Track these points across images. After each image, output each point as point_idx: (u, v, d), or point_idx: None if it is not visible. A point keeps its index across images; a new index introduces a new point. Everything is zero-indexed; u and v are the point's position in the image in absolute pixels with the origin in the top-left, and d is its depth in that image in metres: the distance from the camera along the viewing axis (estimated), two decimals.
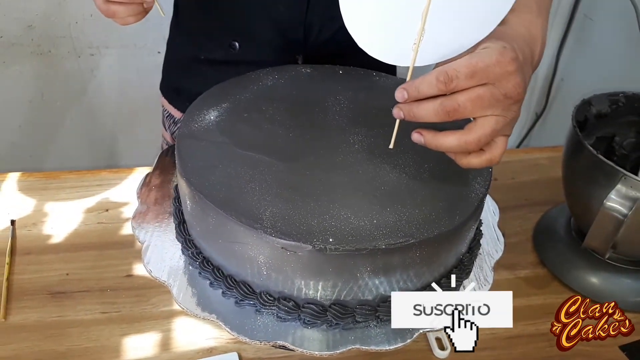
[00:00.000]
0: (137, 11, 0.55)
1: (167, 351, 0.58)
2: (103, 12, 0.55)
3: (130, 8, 0.55)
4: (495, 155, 0.44)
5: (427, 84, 0.42)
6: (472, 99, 0.41)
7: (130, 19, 0.56)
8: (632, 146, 0.72)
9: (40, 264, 0.65)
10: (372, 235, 0.44)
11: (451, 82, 0.41)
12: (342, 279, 0.45)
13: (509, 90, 0.41)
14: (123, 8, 0.54)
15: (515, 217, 0.76)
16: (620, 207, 0.58)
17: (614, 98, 0.70)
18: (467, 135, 0.42)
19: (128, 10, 0.55)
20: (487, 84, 0.41)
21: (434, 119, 0.42)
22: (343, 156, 0.51)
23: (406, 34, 0.44)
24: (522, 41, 0.45)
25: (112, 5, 0.54)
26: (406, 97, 0.43)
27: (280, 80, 0.61)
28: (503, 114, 0.42)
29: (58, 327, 0.59)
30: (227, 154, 0.50)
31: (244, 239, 0.44)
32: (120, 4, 0.54)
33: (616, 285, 0.66)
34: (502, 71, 0.41)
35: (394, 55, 0.46)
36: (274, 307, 0.47)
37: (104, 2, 0.54)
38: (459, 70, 0.41)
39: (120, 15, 0.55)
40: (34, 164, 1.41)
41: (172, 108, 0.83)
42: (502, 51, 0.41)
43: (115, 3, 0.54)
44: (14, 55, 1.26)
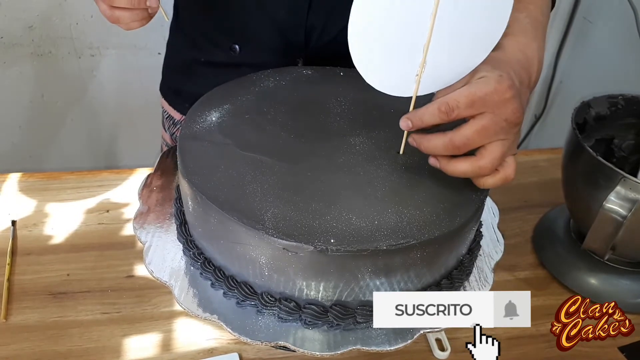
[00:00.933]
0: (142, 16, 0.55)
1: (168, 352, 0.58)
2: (107, 17, 0.55)
3: (135, 13, 0.55)
4: (509, 174, 0.48)
5: (429, 115, 0.45)
6: (479, 131, 0.44)
7: (135, 24, 0.56)
8: (631, 148, 0.73)
9: (41, 264, 0.65)
10: (373, 236, 0.44)
11: (452, 112, 0.44)
12: (343, 279, 0.45)
13: (509, 115, 0.45)
14: (128, 14, 0.54)
15: (515, 218, 0.76)
16: (619, 209, 0.58)
17: (613, 100, 0.71)
18: (479, 161, 0.46)
19: (132, 15, 0.55)
20: (487, 112, 0.44)
21: (445, 153, 0.46)
22: (344, 157, 0.51)
23: (409, 67, 0.48)
24: (519, 66, 0.48)
25: (117, 11, 0.54)
26: (410, 127, 0.47)
27: (281, 81, 0.61)
28: (507, 137, 0.46)
29: (59, 328, 0.59)
30: (229, 155, 0.50)
31: (246, 239, 0.45)
32: (125, 9, 0.54)
33: (615, 287, 0.67)
34: (500, 99, 0.44)
35: (398, 88, 0.49)
36: (275, 307, 0.47)
37: (109, 7, 0.54)
38: (459, 100, 0.44)
39: (125, 20, 0.55)
40: (34, 164, 1.41)
41: (172, 110, 0.83)
42: (499, 79, 0.45)
43: (119, 9, 0.54)
44: (15, 56, 1.26)
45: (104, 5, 0.54)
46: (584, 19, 1.39)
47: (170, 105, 0.83)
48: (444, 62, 0.47)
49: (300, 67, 0.65)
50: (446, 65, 0.48)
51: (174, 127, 0.83)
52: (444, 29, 0.46)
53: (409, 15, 0.45)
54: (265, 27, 0.70)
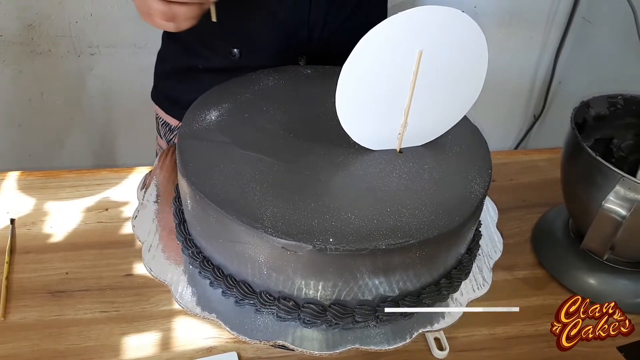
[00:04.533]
0: (197, 13, 0.52)
1: (167, 350, 0.58)
2: (159, 15, 0.51)
3: (192, 9, 0.52)
4: None
5: None
6: None
7: (187, 23, 0.52)
8: (630, 148, 0.73)
9: (40, 263, 0.65)
10: (372, 235, 0.44)
11: None
12: (342, 279, 0.45)
13: None
14: (185, 9, 0.51)
15: (514, 218, 0.76)
16: (618, 209, 0.58)
17: (612, 100, 0.70)
18: None
19: (189, 11, 0.51)
20: None
21: None
22: (344, 156, 0.51)
23: (391, 127, 0.52)
24: None
25: (175, 7, 0.51)
26: None
27: (281, 80, 0.61)
28: None
29: (57, 326, 0.59)
30: (228, 153, 0.50)
31: (245, 238, 0.45)
32: (182, 4, 0.51)
33: (614, 287, 0.67)
34: None
35: (382, 144, 0.53)
36: (273, 306, 0.47)
37: (163, 2, 0.50)
38: None
39: (182, 16, 0.52)
40: (34, 163, 1.41)
41: (169, 117, 0.81)
42: None
43: (177, 4, 0.51)
44: (14, 54, 1.26)
45: (157, 2, 0.50)
46: (583, 19, 1.39)
47: (167, 113, 0.82)
48: (424, 123, 0.53)
49: (300, 66, 0.65)
50: (425, 125, 0.53)
51: (171, 133, 0.82)
52: (423, 95, 0.50)
53: (391, 83, 0.49)
54: (266, 29, 0.69)
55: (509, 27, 1.42)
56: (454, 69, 0.50)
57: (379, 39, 0.46)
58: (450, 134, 0.55)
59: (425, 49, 0.47)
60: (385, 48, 0.46)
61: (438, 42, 0.47)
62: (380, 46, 0.46)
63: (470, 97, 0.53)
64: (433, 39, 0.47)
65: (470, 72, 0.51)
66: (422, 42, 0.47)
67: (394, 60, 0.47)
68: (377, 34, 0.45)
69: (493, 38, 1.43)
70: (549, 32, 1.45)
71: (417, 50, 0.47)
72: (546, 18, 1.43)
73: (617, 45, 1.26)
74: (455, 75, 0.50)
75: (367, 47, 0.46)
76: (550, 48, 1.47)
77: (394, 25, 0.45)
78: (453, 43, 0.48)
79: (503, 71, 1.49)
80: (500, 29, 1.43)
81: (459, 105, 0.53)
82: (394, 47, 0.47)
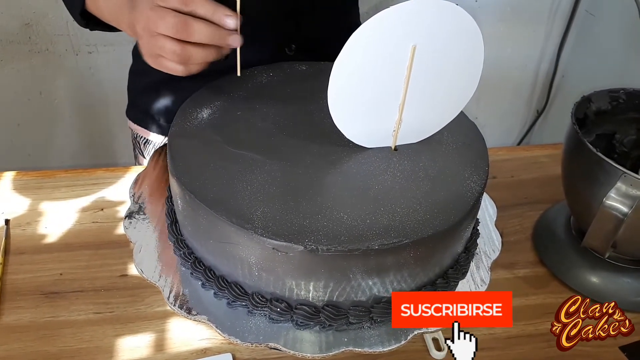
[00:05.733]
0: (213, 57, 0.49)
1: (161, 352, 0.57)
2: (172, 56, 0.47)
3: (209, 52, 0.48)
4: None
5: None
6: None
7: (199, 67, 0.49)
8: (632, 144, 0.71)
9: (34, 263, 0.65)
10: (365, 235, 0.43)
11: None
12: (335, 279, 0.44)
13: None
14: (202, 52, 0.47)
15: (515, 215, 0.75)
16: (620, 206, 0.57)
17: (614, 95, 0.69)
18: None
19: (206, 54, 0.48)
20: None
21: None
22: (337, 155, 0.51)
23: (386, 124, 0.51)
24: None
25: (191, 48, 0.47)
26: None
27: (274, 77, 0.60)
28: None
29: (51, 328, 0.58)
30: (219, 152, 0.50)
31: (235, 239, 0.44)
32: (200, 46, 0.47)
33: (616, 285, 0.65)
34: None
35: (376, 142, 0.52)
36: (266, 308, 0.46)
37: (178, 43, 0.46)
38: None
39: (197, 59, 0.48)
40: (33, 162, 1.41)
41: (153, 134, 0.77)
42: None
43: (194, 45, 0.47)
44: (12, 53, 1.26)
45: (170, 42, 0.46)
46: (587, 13, 1.37)
47: (150, 130, 0.77)
48: (418, 120, 0.52)
49: (294, 63, 0.64)
50: (419, 122, 0.52)
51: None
52: (417, 90, 0.49)
53: (385, 79, 0.48)
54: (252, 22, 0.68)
55: (510, 20, 1.41)
56: (449, 64, 0.49)
57: (371, 34, 0.45)
58: (447, 131, 0.54)
59: (419, 43, 0.46)
60: (377, 43, 0.45)
61: (432, 36, 0.46)
62: (372, 41, 0.45)
63: (467, 92, 0.52)
64: (427, 33, 0.46)
65: (466, 67, 0.50)
66: (415, 36, 0.46)
67: (387, 56, 0.46)
68: (369, 29, 0.44)
69: (494, 32, 1.41)
70: (551, 25, 1.44)
71: (410, 44, 0.46)
72: (548, 11, 1.41)
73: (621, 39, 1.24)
74: (451, 70, 0.49)
75: (359, 42, 0.45)
76: (553, 42, 1.45)
77: (386, 19, 0.44)
78: (447, 37, 0.47)
79: (505, 66, 1.48)
80: (502, 23, 1.41)
81: (455, 100, 0.52)
82: (386, 41, 0.45)
